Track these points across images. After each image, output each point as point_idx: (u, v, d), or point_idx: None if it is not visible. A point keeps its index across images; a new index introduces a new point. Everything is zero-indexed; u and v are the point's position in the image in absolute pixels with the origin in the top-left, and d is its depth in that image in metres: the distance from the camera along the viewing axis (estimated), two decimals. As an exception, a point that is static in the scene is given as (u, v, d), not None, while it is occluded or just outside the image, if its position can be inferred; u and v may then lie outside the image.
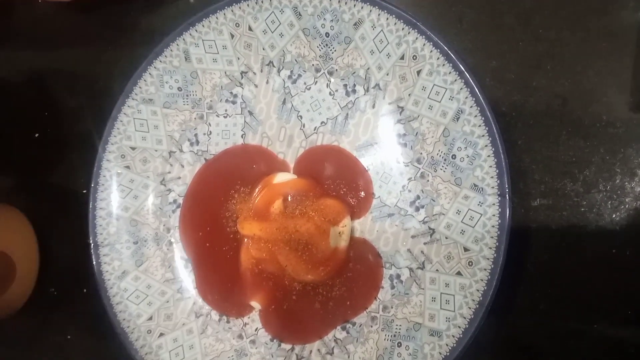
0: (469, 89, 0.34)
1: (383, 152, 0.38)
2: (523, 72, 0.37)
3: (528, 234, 0.35)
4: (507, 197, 0.33)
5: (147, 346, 0.40)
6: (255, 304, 0.39)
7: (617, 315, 0.34)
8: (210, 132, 0.42)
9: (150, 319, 0.41)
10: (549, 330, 0.35)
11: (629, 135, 0.34)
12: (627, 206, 0.34)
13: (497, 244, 0.33)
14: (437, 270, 0.35)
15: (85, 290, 0.46)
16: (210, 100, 0.42)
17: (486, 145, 0.33)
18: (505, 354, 0.36)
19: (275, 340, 0.39)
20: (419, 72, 0.36)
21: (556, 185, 0.35)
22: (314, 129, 0.40)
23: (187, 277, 0.42)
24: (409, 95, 0.36)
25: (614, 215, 0.34)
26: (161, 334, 0.40)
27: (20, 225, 0.47)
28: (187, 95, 0.42)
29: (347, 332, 0.37)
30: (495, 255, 0.33)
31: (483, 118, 0.33)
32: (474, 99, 0.34)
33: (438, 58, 0.35)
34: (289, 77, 0.40)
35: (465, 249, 0.34)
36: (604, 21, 0.35)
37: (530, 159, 0.36)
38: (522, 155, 0.36)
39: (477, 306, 0.33)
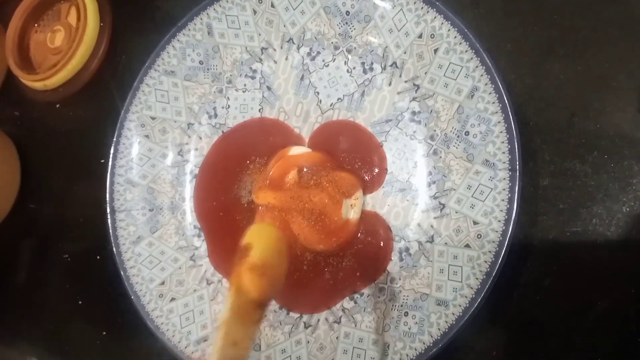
0: (484, 67, 0.35)
1: (397, 129, 0.39)
2: (536, 57, 0.38)
3: (536, 212, 0.36)
4: (518, 172, 0.33)
5: (159, 309, 0.41)
6: (266, 272, 0.40)
7: (620, 293, 0.34)
8: (229, 106, 0.43)
9: (163, 283, 0.41)
10: (552, 307, 0.35)
11: (637, 119, 0.35)
12: (634, 187, 0.34)
13: (506, 216, 0.34)
14: (445, 243, 0.36)
15: (98, 257, 0.47)
16: (230, 75, 0.43)
17: (499, 122, 0.34)
18: (509, 329, 0.36)
19: (283, 309, 0.40)
20: (435, 51, 0.37)
21: (565, 165, 0.36)
22: (330, 105, 0.41)
23: (200, 246, 0.43)
24: (425, 73, 0.37)
25: (620, 196, 0.35)
26: (172, 299, 0.41)
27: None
28: (207, 69, 0.43)
29: (355, 302, 0.38)
30: (504, 227, 0.33)
31: (497, 95, 0.34)
32: (489, 76, 0.35)
33: (455, 37, 0.36)
34: (308, 54, 0.41)
35: (475, 222, 0.35)
36: (615, 8, 0.36)
37: (540, 139, 0.37)
38: (533, 136, 0.37)
39: (484, 277, 0.34)
